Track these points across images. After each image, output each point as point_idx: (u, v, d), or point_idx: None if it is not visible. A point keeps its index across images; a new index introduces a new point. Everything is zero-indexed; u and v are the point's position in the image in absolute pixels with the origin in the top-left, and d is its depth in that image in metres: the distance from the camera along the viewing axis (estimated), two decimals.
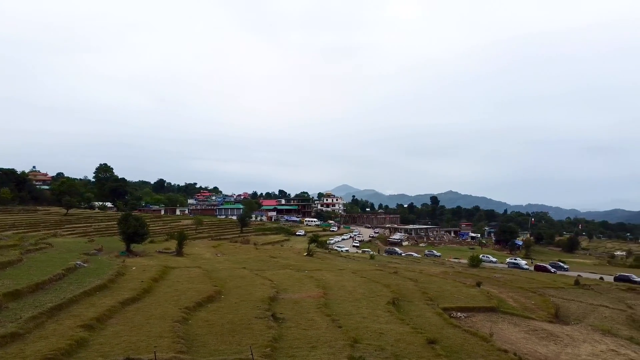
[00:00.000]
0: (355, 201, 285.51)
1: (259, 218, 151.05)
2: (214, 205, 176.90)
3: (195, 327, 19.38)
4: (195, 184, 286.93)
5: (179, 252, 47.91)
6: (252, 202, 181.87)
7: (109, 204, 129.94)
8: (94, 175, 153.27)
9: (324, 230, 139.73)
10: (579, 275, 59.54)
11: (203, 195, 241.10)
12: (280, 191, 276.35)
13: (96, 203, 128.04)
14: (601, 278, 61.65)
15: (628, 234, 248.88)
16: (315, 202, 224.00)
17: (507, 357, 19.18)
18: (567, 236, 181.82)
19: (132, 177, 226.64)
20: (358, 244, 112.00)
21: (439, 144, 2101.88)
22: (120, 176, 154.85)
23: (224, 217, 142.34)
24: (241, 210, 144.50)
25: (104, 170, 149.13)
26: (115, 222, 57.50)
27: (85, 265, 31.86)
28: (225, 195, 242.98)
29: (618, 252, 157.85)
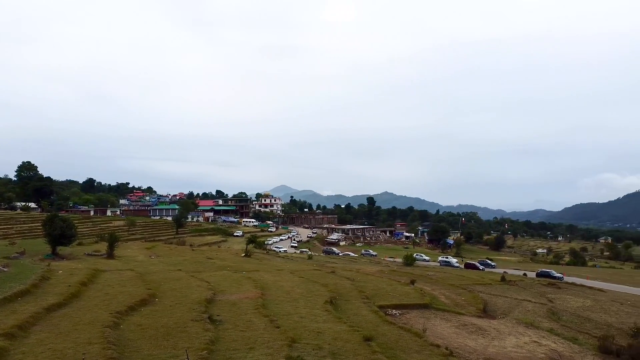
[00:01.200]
0: (293, 202, 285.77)
1: (195, 219, 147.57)
2: (148, 206, 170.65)
3: (127, 332, 18.65)
4: (128, 183, 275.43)
5: (110, 255, 45.89)
6: (189, 202, 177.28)
7: (32, 205, 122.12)
8: (15, 173, 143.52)
9: (262, 230, 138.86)
10: (505, 272, 62.86)
11: (136, 196, 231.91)
12: (218, 191, 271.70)
13: (18, 203, 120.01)
14: (525, 274, 65.37)
15: (548, 232, 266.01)
16: (254, 202, 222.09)
17: (439, 351, 19.94)
18: (494, 235, 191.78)
19: (58, 175, 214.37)
20: (296, 244, 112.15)
21: (376, 146, 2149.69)
22: (45, 175, 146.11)
23: (158, 217, 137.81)
24: (177, 210, 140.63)
25: (26, 169, 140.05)
26: (39, 224, 54.27)
27: (5, 269, 29.81)
28: (160, 196, 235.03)
29: (540, 250, 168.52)
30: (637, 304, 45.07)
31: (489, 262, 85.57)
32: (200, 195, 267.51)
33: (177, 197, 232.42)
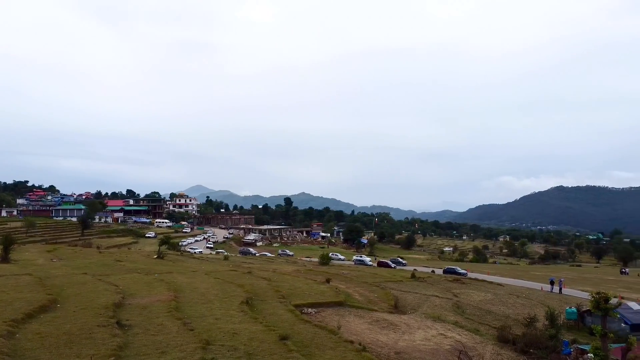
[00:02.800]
0: (209, 202, 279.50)
1: (103, 220, 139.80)
2: (50, 206, 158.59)
3: (24, 342, 17.23)
4: (27, 182, 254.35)
5: (5, 258, 42.13)
6: (96, 202, 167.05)
7: None
8: None
9: (177, 231, 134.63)
10: (415, 270, 65.72)
11: (36, 195, 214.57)
12: (129, 191, 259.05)
13: None
14: (433, 271, 68.86)
15: (454, 232, 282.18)
16: (167, 202, 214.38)
17: (352, 347, 20.49)
18: (406, 235, 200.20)
19: None
20: (212, 245, 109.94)
21: (294, 147, 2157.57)
22: None
23: (62, 218, 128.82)
24: (82, 211, 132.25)
25: None
26: None
27: None
28: (64, 195, 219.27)
29: (447, 248, 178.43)
30: (531, 296, 49.16)
31: (400, 260, 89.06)
32: (109, 194, 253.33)
33: (84, 197, 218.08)
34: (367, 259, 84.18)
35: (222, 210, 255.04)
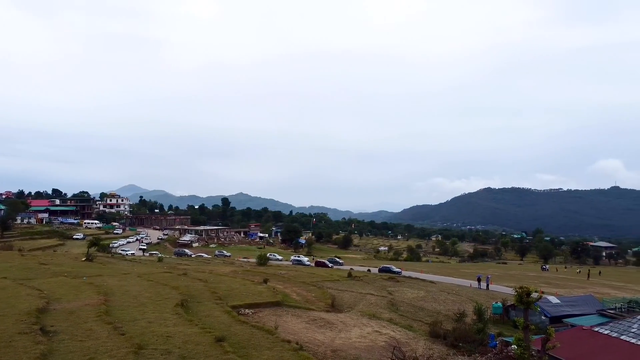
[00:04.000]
0: (143, 202, 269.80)
1: (26, 220, 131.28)
2: None
3: None
4: None
5: None
6: (17, 202, 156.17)
7: None
8: None
9: (107, 232, 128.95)
10: (351, 269, 66.83)
11: None
12: (55, 190, 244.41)
13: None
14: (369, 270, 70.32)
15: (390, 232, 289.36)
16: (98, 202, 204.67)
17: (289, 346, 20.58)
18: (343, 235, 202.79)
19: None
20: (145, 247, 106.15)
21: (232, 146, 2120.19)
22: None
23: None
24: (2, 211, 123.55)
25: None
26: None
27: None
28: None
29: (382, 248, 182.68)
30: (461, 292, 51.45)
31: (338, 260, 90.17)
32: (32, 194, 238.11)
33: (4, 196, 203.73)
34: (305, 259, 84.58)
35: (156, 210, 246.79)
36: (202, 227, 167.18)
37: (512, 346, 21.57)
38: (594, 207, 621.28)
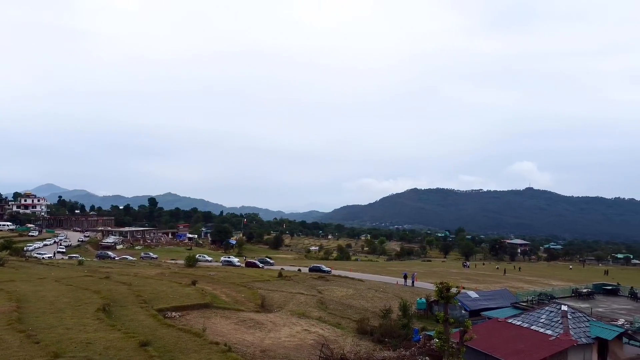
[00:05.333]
0: (62, 202, 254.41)
1: None
2: None
3: None
4: None
5: None
6: None
7: None
8: None
9: (22, 235, 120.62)
10: (282, 269, 66.89)
11: None
12: None
13: None
14: (299, 270, 70.71)
15: (320, 231, 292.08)
16: (10, 203, 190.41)
17: (218, 348, 20.37)
18: (274, 235, 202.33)
19: None
20: (64, 250, 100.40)
21: (159, 144, 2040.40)
22: None
23: None
24: None
25: None
26: None
27: None
28: None
29: (313, 247, 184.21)
30: (387, 290, 53.07)
31: (268, 260, 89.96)
32: None
33: None
34: (235, 260, 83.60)
35: (77, 211, 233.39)
36: (127, 229, 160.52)
37: (434, 339, 22.62)
38: (511, 207, 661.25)
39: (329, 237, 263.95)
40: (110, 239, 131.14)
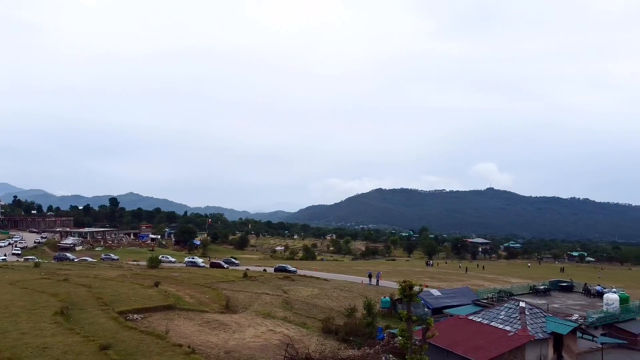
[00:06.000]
0: (18, 202, 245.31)
1: None
2: None
3: None
4: None
5: None
6: None
7: None
8: None
9: None
10: (247, 269, 66.51)
11: None
12: None
13: None
14: (264, 270, 70.46)
15: (286, 231, 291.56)
16: None
17: (181, 350, 20.11)
18: (239, 235, 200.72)
19: None
20: (19, 251, 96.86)
21: (121, 143, 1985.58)
22: None
23: None
24: None
25: None
26: None
27: None
28: None
29: (278, 247, 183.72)
30: (352, 289, 53.50)
31: (233, 260, 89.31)
32: None
33: None
34: (200, 260, 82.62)
35: (33, 212, 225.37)
36: (87, 229, 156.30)
37: (397, 337, 23.01)
38: (472, 207, 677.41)
39: (295, 237, 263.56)
40: (69, 240, 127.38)
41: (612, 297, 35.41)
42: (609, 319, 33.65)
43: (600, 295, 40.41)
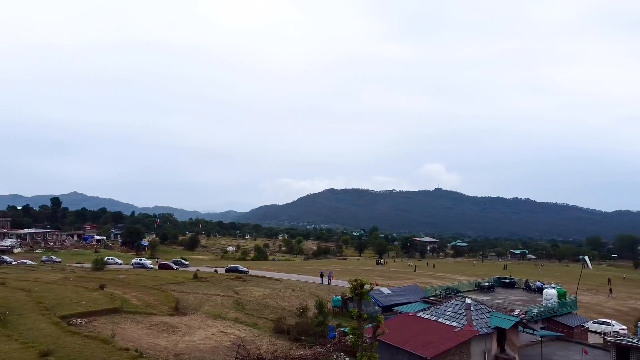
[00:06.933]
0: None
1: None
2: None
3: None
4: None
5: None
6: None
7: None
8: None
9: None
10: (197, 270, 65.37)
11: None
12: None
13: None
14: (215, 270, 69.46)
15: (238, 231, 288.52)
16: None
17: (128, 354, 19.56)
18: (189, 235, 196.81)
19: None
20: None
21: (63, 140, 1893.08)
22: None
23: None
24: None
25: None
26: None
27: None
28: None
29: (230, 248, 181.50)
30: (304, 288, 53.64)
31: (183, 261, 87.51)
32: None
33: None
34: (148, 262, 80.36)
35: None
36: (26, 231, 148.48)
37: (348, 335, 23.31)
38: (421, 207, 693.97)
39: (247, 237, 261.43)
40: (7, 242, 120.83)
41: (550, 293, 37.34)
42: (548, 313, 35.47)
43: (540, 290, 42.51)
